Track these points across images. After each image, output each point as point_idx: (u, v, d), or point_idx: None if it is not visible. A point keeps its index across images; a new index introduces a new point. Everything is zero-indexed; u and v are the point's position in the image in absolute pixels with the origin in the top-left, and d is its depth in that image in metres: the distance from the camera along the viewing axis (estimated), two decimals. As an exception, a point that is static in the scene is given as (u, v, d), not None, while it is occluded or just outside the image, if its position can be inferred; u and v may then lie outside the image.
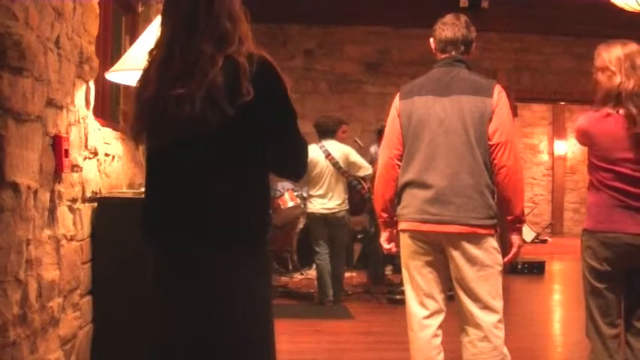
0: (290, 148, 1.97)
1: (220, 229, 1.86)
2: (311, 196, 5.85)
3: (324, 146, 5.78)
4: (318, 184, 5.76)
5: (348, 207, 5.86)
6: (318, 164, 5.72)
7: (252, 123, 1.84)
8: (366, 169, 5.82)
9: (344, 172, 5.77)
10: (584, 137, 2.83)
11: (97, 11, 3.06)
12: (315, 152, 5.71)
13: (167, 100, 1.80)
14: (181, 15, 1.86)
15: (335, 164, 5.72)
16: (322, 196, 5.76)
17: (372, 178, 5.40)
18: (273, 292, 6.04)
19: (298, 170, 2.05)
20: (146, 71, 1.92)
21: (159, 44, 1.92)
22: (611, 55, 2.78)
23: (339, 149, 5.80)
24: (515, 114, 8.63)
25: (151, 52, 1.94)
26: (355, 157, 5.85)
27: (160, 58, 1.88)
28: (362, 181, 5.91)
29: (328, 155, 5.73)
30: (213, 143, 1.82)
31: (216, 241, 1.86)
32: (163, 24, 1.92)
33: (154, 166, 1.97)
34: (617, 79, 2.74)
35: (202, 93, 1.77)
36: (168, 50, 1.85)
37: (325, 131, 5.87)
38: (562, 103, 10.85)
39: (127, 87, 3.68)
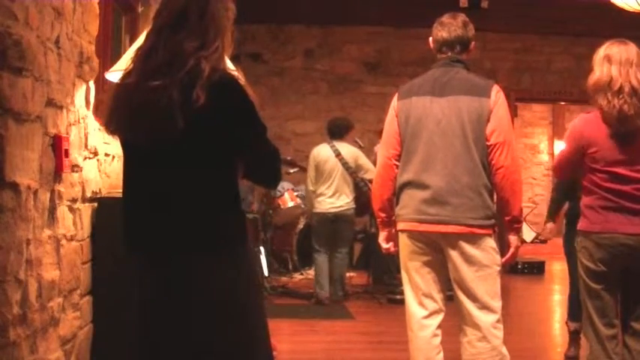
0: (258, 162, 1.98)
1: (187, 233, 1.86)
2: (319, 195, 5.91)
3: (334, 146, 5.93)
4: (327, 182, 5.88)
5: (355, 206, 5.95)
6: (328, 162, 5.87)
7: (211, 132, 1.83)
8: (372, 171, 5.89)
9: (352, 173, 5.91)
10: (578, 139, 2.82)
11: (97, 11, 3.06)
12: (326, 151, 5.92)
13: (145, 90, 1.80)
14: (173, 10, 1.89)
15: (345, 164, 5.87)
16: (331, 195, 5.87)
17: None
18: (273, 292, 6.10)
19: (270, 180, 2.09)
20: (132, 62, 1.93)
21: (147, 36, 1.95)
22: (598, 54, 2.80)
23: (349, 150, 5.95)
24: (515, 114, 8.64)
25: (137, 50, 1.96)
26: (364, 159, 5.98)
27: (145, 47, 1.90)
28: (368, 183, 5.97)
29: (338, 155, 5.88)
30: (177, 146, 1.82)
31: (184, 245, 1.86)
32: (155, 18, 1.95)
33: (125, 168, 1.98)
34: (594, 76, 2.76)
35: (171, 91, 1.77)
36: (153, 41, 1.88)
37: (336, 132, 6.03)
38: (562, 103, 10.82)
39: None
